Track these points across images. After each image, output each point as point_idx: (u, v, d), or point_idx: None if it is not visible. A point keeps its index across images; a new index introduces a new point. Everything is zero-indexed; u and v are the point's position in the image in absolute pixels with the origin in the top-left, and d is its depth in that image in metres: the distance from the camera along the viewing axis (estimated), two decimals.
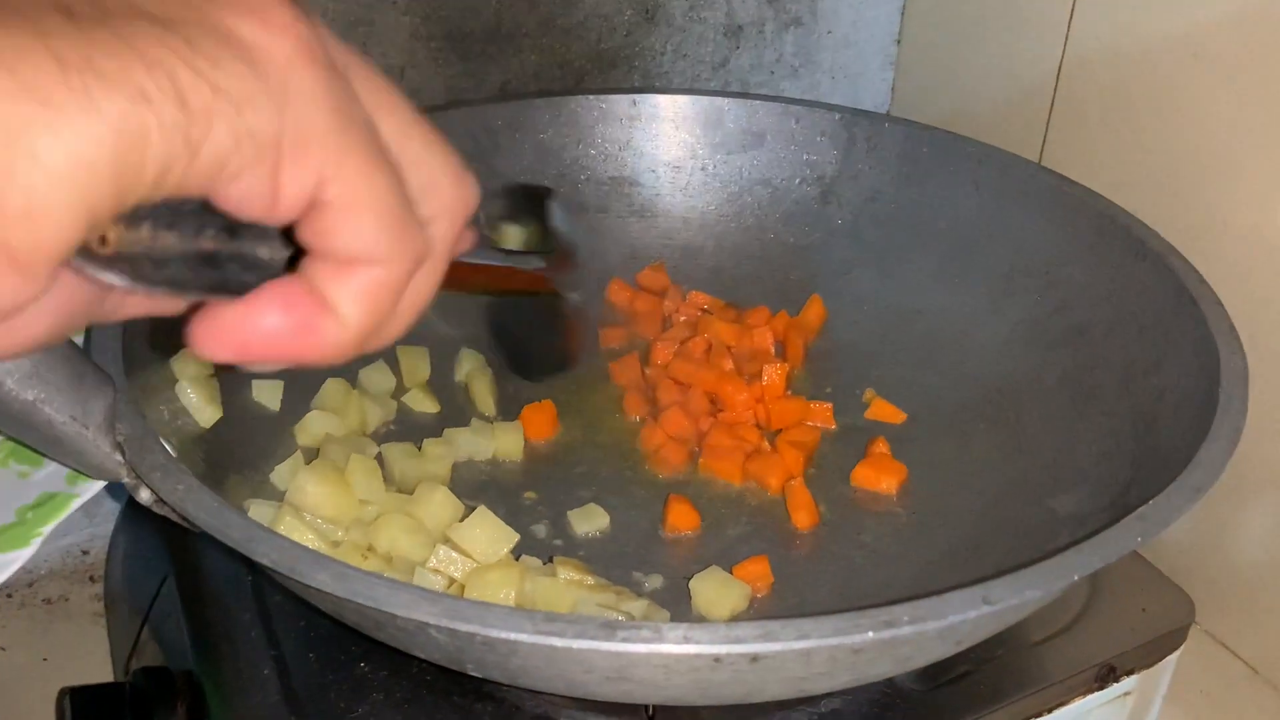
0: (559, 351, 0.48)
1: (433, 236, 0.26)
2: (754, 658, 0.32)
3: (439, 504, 0.47)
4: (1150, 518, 0.37)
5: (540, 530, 0.51)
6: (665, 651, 0.31)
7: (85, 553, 0.66)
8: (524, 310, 0.47)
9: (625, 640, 0.31)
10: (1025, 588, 0.33)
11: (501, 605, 0.31)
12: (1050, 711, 0.48)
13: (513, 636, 0.31)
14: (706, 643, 0.31)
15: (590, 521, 0.51)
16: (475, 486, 0.53)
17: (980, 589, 0.33)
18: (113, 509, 0.63)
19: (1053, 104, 0.66)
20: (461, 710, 0.45)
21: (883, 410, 0.57)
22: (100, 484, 0.42)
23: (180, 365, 0.47)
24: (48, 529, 0.40)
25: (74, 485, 0.42)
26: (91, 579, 0.66)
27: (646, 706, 0.44)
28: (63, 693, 0.48)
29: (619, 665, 0.32)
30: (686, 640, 0.31)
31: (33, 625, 0.63)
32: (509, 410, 0.57)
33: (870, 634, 0.31)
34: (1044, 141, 0.67)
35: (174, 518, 0.39)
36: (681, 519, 0.51)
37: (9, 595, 0.64)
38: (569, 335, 0.47)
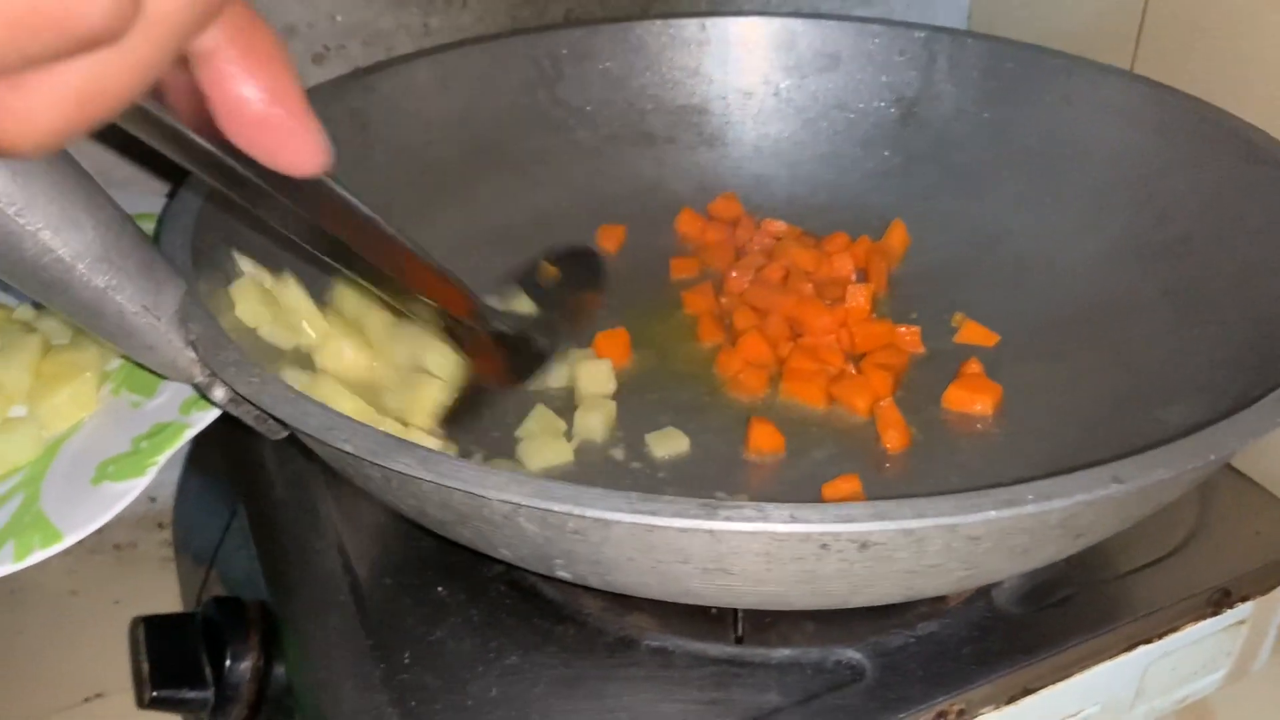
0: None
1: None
2: (864, 544, 0.30)
3: None
4: None
5: (618, 453, 0.49)
6: (771, 531, 0.29)
7: (152, 499, 0.66)
8: None
9: (728, 519, 0.28)
10: (1156, 465, 0.30)
11: (597, 488, 0.29)
12: (1159, 638, 0.46)
13: (608, 516, 0.29)
14: (815, 522, 0.28)
15: (670, 444, 0.49)
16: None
17: (1109, 468, 0.30)
18: (179, 455, 0.62)
19: (1144, 14, 0.63)
20: (542, 633, 0.43)
21: (974, 333, 0.54)
22: (214, 413, 0.41)
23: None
24: (162, 458, 0.40)
25: (187, 414, 0.41)
26: (159, 525, 0.66)
27: (735, 625, 0.42)
28: (136, 622, 0.47)
29: (718, 552, 0.30)
30: (793, 520, 0.28)
31: (103, 570, 0.63)
32: (580, 337, 0.55)
33: (992, 512, 0.29)
34: (1134, 56, 0.64)
35: (248, 419, 0.38)
36: (765, 441, 0.48)
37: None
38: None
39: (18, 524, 0.38)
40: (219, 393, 0.36)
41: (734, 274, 0.58)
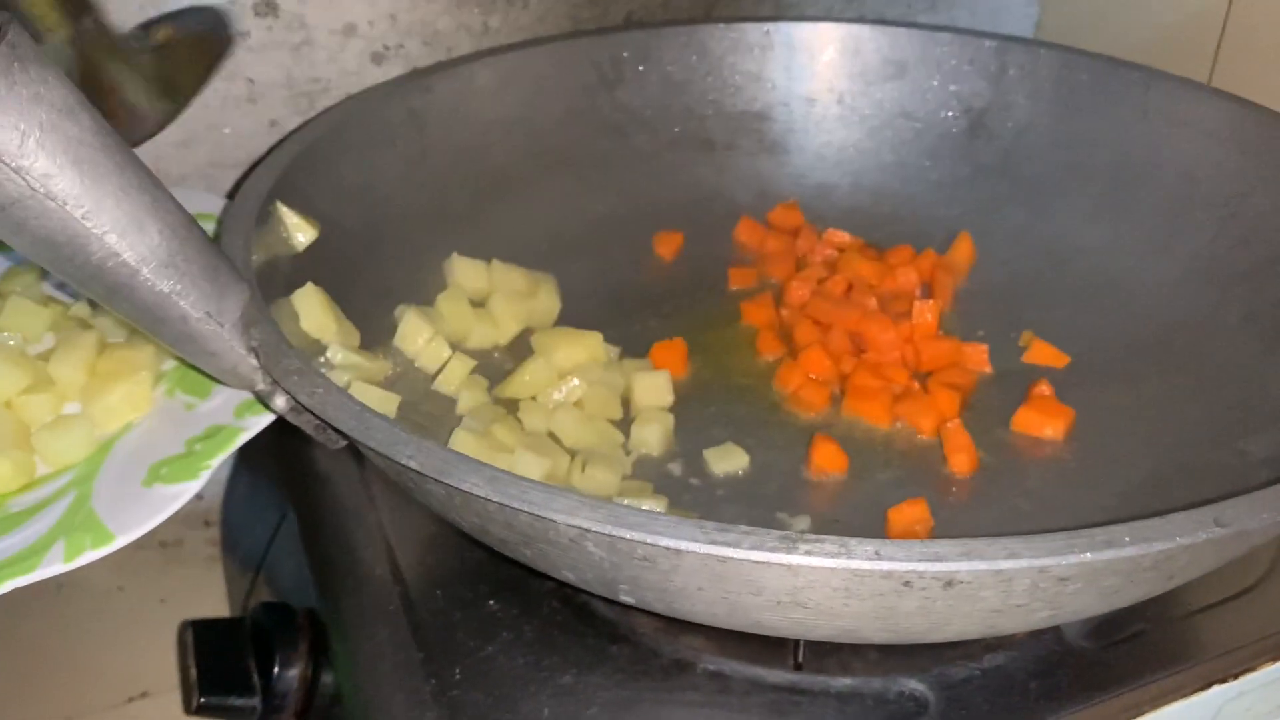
0: None
1: None
2: (949, 582, 0.28)
3: None
4: None
5: (676, 468, 0.48)
6: (853, 568, 0.27)
7: (200, 496, 0.65)
8: None
9: (809, 554, 0.27)
10: (1263, 509, 0.29)
11: (668, 515, 0.28)
12: (1235, 678, 0.44)
13: (683, 546, 0.27)
14: (901, 560, 0.27)
15: (729, 461, 0.47)
16: None
17: (1210, 510, 0.29)
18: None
19: (1225, 26, 0.61)
20: (595, 652, 0.42)
21: (1043, 353, 0.52)
22: (267, 418, 0.40)
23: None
24: (215, 461, 0.39)
25: (241, 419, 0.41)
26: (206, 523, 0.65)
27: (795, 651, 0.41)
28: (184, 625, 0.47)
29: (795, 585, 0.29)
30: (878, 557, 0.27)
31: (149, 567, 0.63)
32: (635, 347, 0.54)
33: (1088, 554, 0.27)
34: (1212, 69, 0.62)
35: (308, 429, 0.37)
36: (828, 460, 0.47)
37: None
38: None
39: (69, 523, 0.37)
40: (280, 401, 0.36)
41: (794, 285, 0.56)
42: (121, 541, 0.37)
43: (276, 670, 0.45)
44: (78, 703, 0.55)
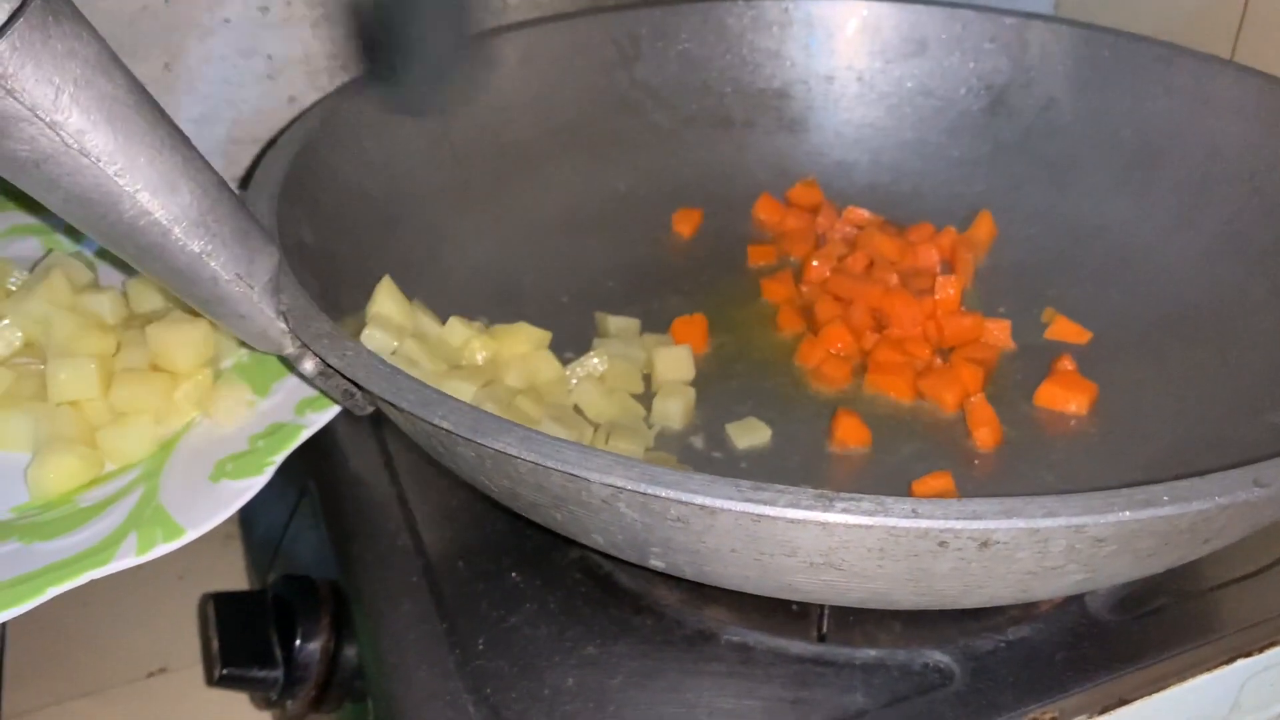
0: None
1: None
2: (985, 542, 0.28)
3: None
4: None
5: (698, 442, 0.47)
6: (891, 526, 0.27)
7: None
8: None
9: (845, 512, 0.27)
10: None
11: (704, 475, 0.28)
12: (1259, 651, 0.44)
13: (718, 504, 0.27)
14: (939, 518, 0.27)
15: (751, 435, 0.47)
16: None
17: (1249, 470, 0.28)
18: None
19: (1246, 7, 0.60)
20: (619, 623, 0.42)
21: (1065, 329, 0.52)
22: (328, 414, 0.40)
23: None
24: (279, 458, 0.39)
25: (302, 415, 0.41)
26: None
27: (820, 622, 0.41)
28: (205, 598, 0.46)
29: (829, 545, 0.29)
30: (915, 514, 0.27)
31: None
32: (656, 324, 0.54)
33: (1126, 513, 0.27)
34: (1235, 45, 0.61)
35: (335, 394, 0.37)
36: (851, 434, 0.47)
37: None
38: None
39: (139, 517, 0.38)
40: (308, 365, 0.35)
41: (815, 262, 0.56)
42: (192, 535, 0.37)
43: (299, 642, 0.45)
44: (97, 678, 0.55)
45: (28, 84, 0.28)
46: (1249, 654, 0.43)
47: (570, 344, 0.51)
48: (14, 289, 0.48)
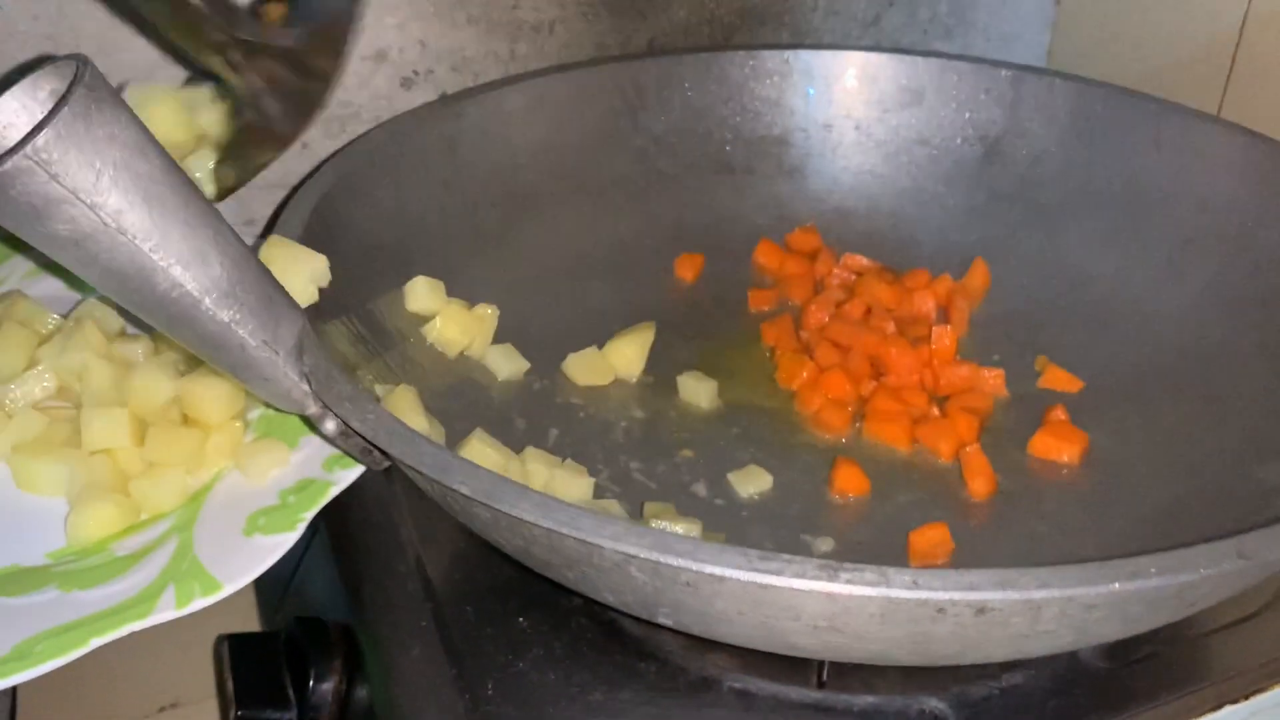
0: None
1: None
2: (981, 609, 0.30)
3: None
4: None
5: (700, 489, 0.49)
6: (891, 597, 0.28)
7: None
8: None
9: (849, 582, 0.28)
10: None
11: (713, 542, 0.29)
12: (1246, 699, 0.45)
13: (728, 574, 0.29)
14: (938, 589, 0.28)
15: (753, 483, 0.48)
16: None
17: (1234, 542, 0.30)
18: None
19: (1233, 63, 0.62)
20: (624, 669, 0.43)
21: (1057, 378, 0.54)
22: (355, 472, 0.41)
23: None
24: (310, 514, 0.40)
25: (330, 472, 0.42)
26: None
27: (819, 670, 0.42)
28: (220, 639, 0.48)
29: (833, 611, 0.30)
30: (916, 586, 0.28)
31: None
32: (657, 370, 0.55)
33: (1116, 584, 0.28)
34: (1221, 100, 0.63)
35: (354, 453, 0.38)
36: (850, 482, 0.48)
37: None
38: None
39: (176, 569, 0.38)
40: (330, 425, 0.37)
41: (813, 308, 0.57)
42: (229, 590, 0.38)
43: (311, 684, 0.46)
44: (109, 712, 0.56)
45: (70, 168, 0.29)
46: (1236, 700, 0.44)
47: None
48: (44, 331, 0.49)
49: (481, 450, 0.43)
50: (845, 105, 0.64)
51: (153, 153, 0.31)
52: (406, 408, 0.43)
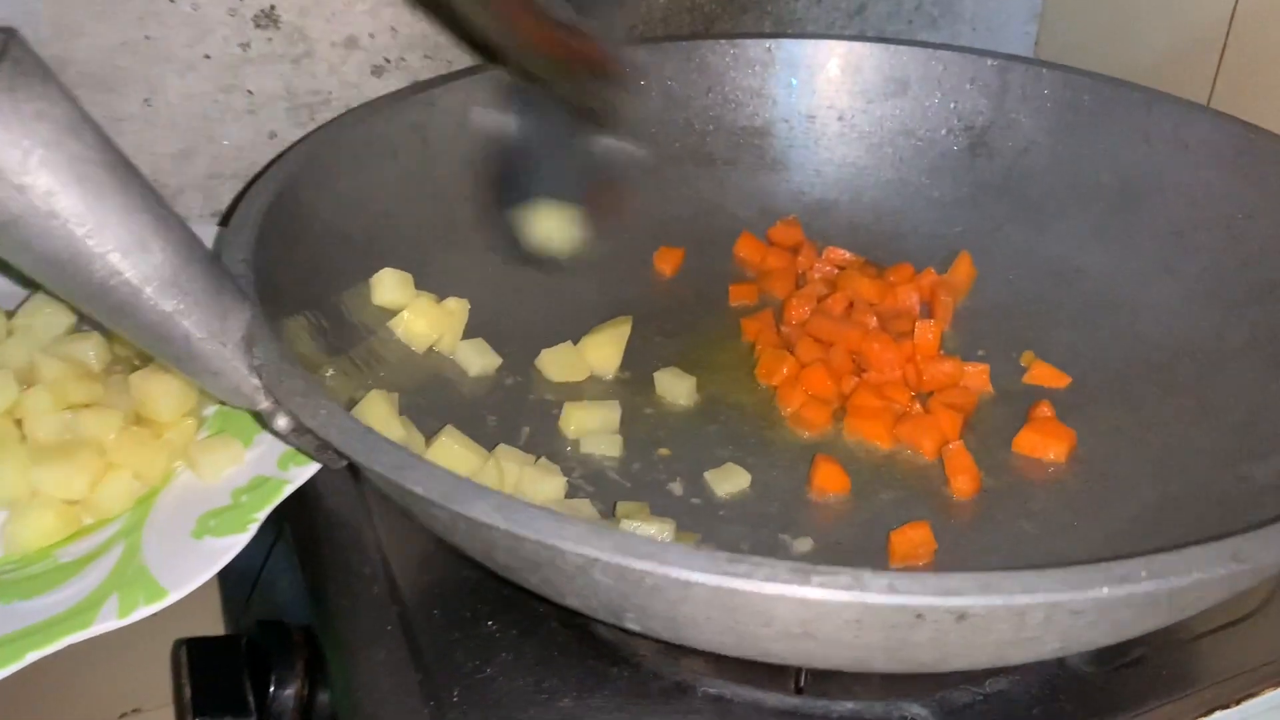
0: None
1: None
2: (962, 615, 0.28)
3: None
4: None
5: (676, 488, 0.47)
6: (867, 602, 0.27)
7: None
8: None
9: (822, 586, 0.27)
10: (1278, 544, 0.29)
11: (680, 544, 0.28)
12: (1237, 704, 0.44)
13: (693, 577, 0.27)
14: (916, 593, 0.27)
15: (730, 481, 0.47)
16: None
17: (1228, 544, 0.28)
18: None
19: (1222, 55, 0.61)
20: (596, 674, 0.41)
21: (1044, 373, 0.52)
22: (311, 469, 0.39)
23: None
24: (263, 514, 0.38)
25: (285, 470, 0.40)
26: None
27: (798, 676, 0.41)
28: (179, 644, 0.46)
29: (806, 617, 0.29)
30: (892, 590, 0.27)
31: None
32: (634, 366, 0.53)
33: (1105, 590, 0.27)
34: (1211, 91, 0.62)
35: (309, 450, 0.36)
36: (830, 481, 0.47)
37: None
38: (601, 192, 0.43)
39: (120, 577, 0.37)
40: (282, 421, 0.35)
41: (795, 303, 0.56)
42: (175, 597, 0.37)
43: (272, 690, 0.44)
44: (69, 718, 0.54)
45: None
46: (1226, 706, 0.43)
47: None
48: None
49: (451, 449, 0.42)
50: (829, 95, 0.62)
51: (87, 132, 0.30)
52: (381, 416, 0.42)
